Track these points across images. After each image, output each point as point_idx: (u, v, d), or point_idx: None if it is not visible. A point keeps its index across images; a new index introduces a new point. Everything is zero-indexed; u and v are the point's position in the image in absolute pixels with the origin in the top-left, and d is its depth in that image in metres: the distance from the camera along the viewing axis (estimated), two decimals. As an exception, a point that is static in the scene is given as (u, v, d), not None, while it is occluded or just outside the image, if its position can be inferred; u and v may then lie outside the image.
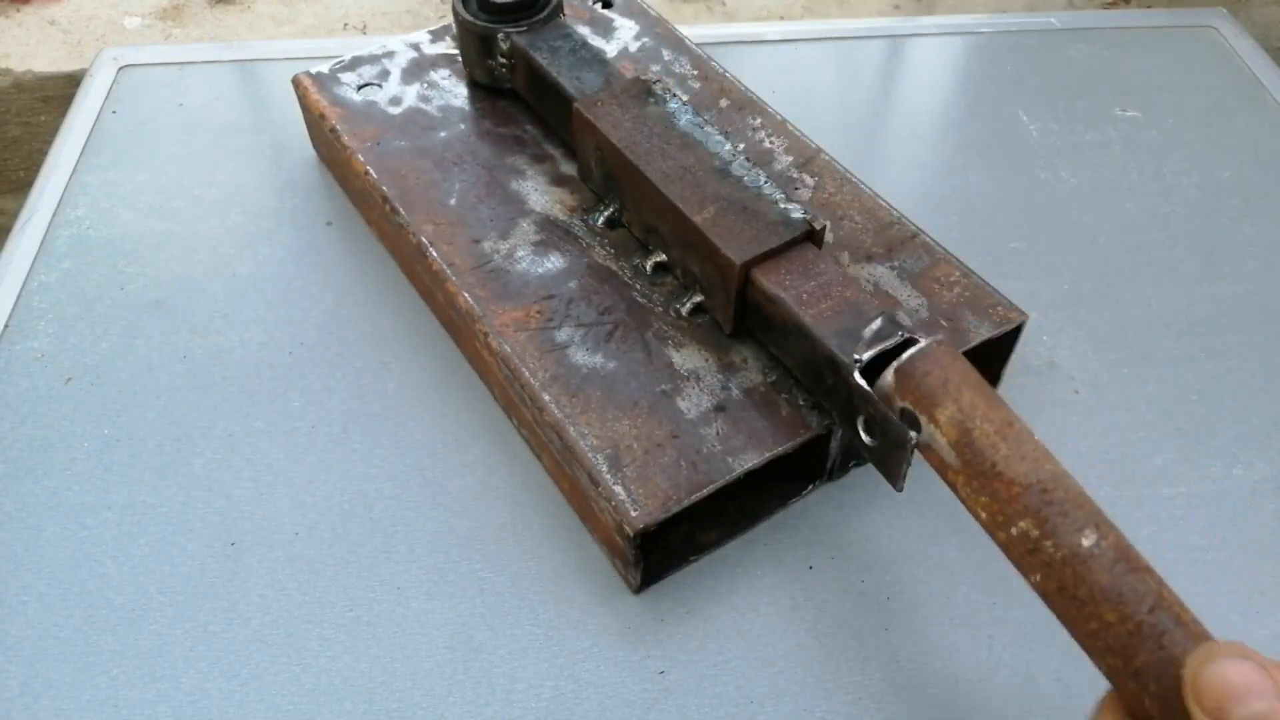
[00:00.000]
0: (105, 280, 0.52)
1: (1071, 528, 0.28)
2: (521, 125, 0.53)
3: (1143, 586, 0.27)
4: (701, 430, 0.40)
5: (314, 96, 0.54)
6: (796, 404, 0.41)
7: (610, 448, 0.39)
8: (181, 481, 0.44)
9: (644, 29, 0.58)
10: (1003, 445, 0.30)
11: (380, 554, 0.41)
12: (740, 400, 0.41)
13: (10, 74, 1.75)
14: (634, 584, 0.40)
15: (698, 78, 0.55)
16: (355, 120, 0.52)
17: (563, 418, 0.40)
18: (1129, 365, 0.49)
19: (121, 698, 0.37)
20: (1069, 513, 0.29)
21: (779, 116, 0.53)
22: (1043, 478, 0.30)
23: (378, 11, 1.95)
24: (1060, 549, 0.28)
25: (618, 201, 0.47)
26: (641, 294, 0.45)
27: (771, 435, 0.39)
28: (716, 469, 0.38)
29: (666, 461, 0.39)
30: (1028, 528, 0.29)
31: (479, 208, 0.48)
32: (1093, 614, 0.27)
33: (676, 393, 0.41)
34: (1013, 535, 0.29)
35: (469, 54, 0.53)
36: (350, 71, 0.55)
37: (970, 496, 0.31)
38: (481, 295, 0.44)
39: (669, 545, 0.41)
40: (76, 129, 0.60)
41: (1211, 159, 0.60)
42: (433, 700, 0.38)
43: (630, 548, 0.37)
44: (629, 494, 0.38)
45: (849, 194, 0.49)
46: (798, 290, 0.39)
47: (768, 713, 0.37)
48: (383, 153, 0.50)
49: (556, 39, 0.51)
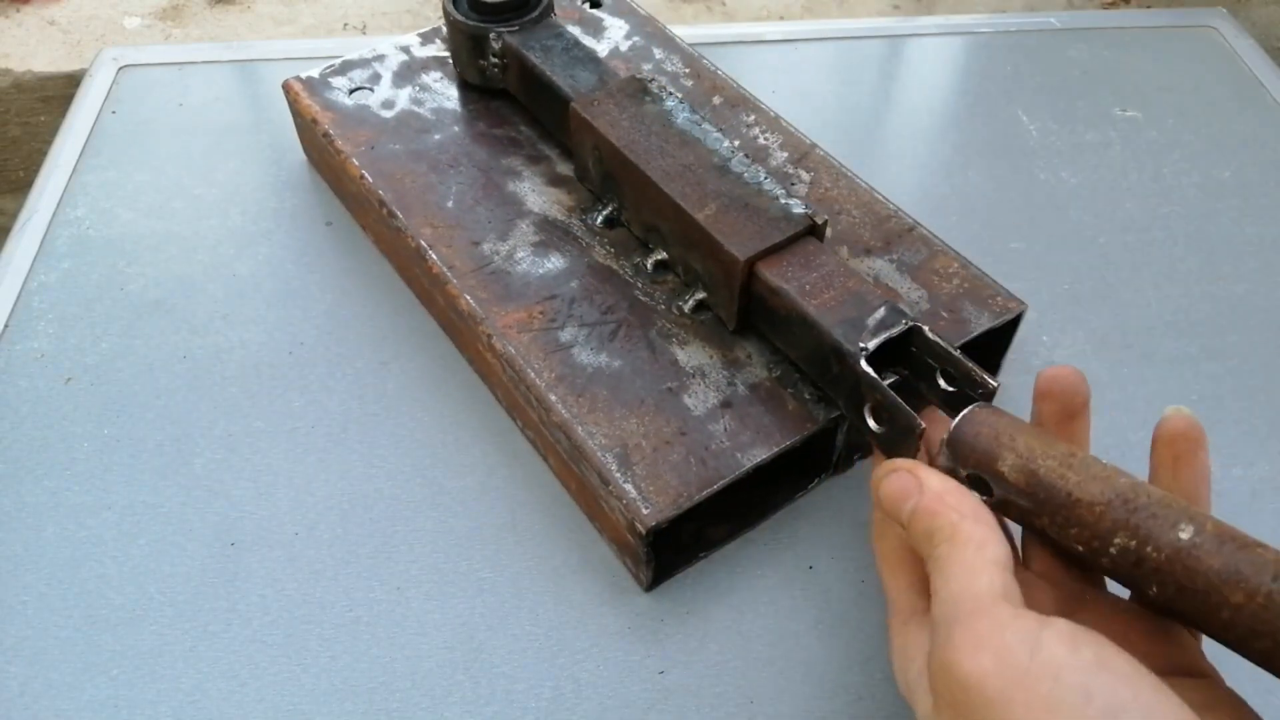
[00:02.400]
0: (105, 280, 0.52)
1: (1166, 526, 0.28)
2: (516, 126, 0.53)
3: (1258, 559, 0.27)
4: (709, 426, 0.40)
5: (305, 101, 0.53)
6: (802, 398, 0.41)
7: (619, 446, 0.39)
8: (181, 481, 0.44)
9: (634, 28, 0.58)
10: (1071, 474, 0.30)
11: (380, 554, 0.42)
12: (746, 396, 0.41)
13: (10, 74, 1.75)
14: (645, 581, 0.40)
15: (690, 75, 0.55)
16: (348, 124, 0.52)
17: (570, 418, 0.40)
18: (1129, 365, 0.49)
19: (121, 698, 0.37)
20: (1158, 514, 0.28)
21: (772, 113, 0.53)
22: (1121, 490, 0.29)
23: (377, 11, 1.95)
24: (1163, 550, 0.28)
25: (616, 200, 0.47)
26: (643, 292, 0.45)
27: (779, 430, 0.40)
28: (725, 465, 0.38)
29: (675, 459, 0.39)
30: (1124, 542, 0.28)
31: (477, 210, 0.48)
32: (1220, 602, 0.27)
33: (683, 390, 0.41)
34: (1114, 555, 0.29)
35: (460, 55, 0.53)
36: (341, 75, 0.55)
37: (1061, 534, 0.30)
38: (483, 297, 0.44)
39: (679, 542, 0.41)
40: (76, 129, 0.60)
41: (1211, 159, 0.60)
42: (433, 700, 0.38)
43: (642, 545, 0.37)
44: (640, 492, 0.38)
45: (845, 189, 0.49)
46: (800, 282, 0.39)
47: (768, 713, 0.37)
48: (377, 156, 0.50)
49: (548, 38, 0.51)
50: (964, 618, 0.27)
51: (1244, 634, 0.27)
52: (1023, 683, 0.25)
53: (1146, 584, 0.28)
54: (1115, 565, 0.29)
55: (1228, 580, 0.27)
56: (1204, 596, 0.27)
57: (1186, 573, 0.27)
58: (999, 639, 0.26)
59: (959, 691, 0.26)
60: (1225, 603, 0.27)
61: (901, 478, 0.31)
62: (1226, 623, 0.27)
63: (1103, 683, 0.24)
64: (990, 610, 0.27)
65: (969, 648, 0.26)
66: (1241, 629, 0.26)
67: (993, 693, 0.25)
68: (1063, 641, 0.25)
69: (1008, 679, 0.25)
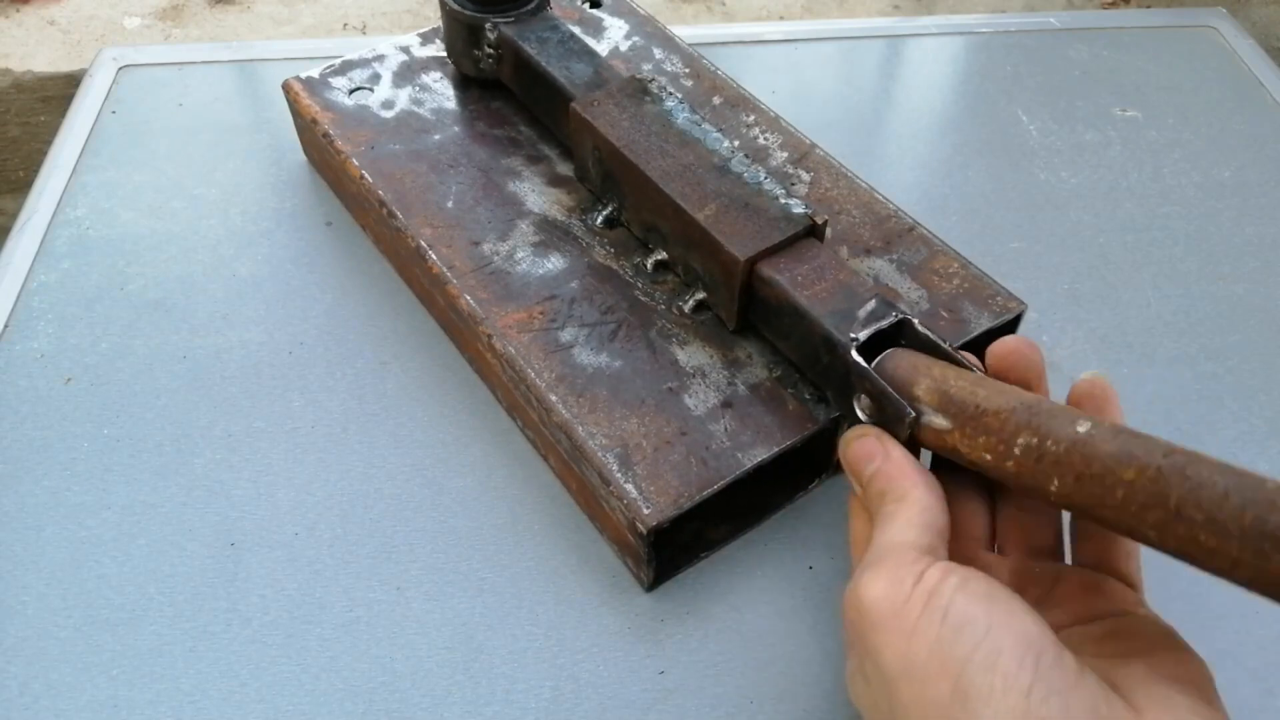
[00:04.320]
0: (105, 280, 0.52)
1: (1065, 424, 0.30)
2: (516, 126, 0.53)
3: (1150, 442, 0.28)
4: (710, 426, 0.40)
5: (305, 101, 0.53)
6: (802, 398, 0.41)
7: (620, 446, 0.39)
8: (181, 481, 0.44)
9: (634, 28, 0.58)
10: (980, 390, 0.32)
11: (380, 554, 0.42)
12: (747, 396, 0.41)
13: (10, 74, 1.76)
14: (646, 581, 0.40)
15: (689, 75, 0.55)
16: (348, 124, 0.52)
17: (571, 418, 0.40)
18: (1129, 365, 0.49)
19: (121, 698, 0.37)
20: (1058, 415, 0.30)
21: (772, 113, 0.53)
22: (1025, 400, 0.31)
23: (378, 11, 1.95)
24: (1061, 442, 0.29)
25: (616, 201, 0.47)
26: (643, 292, 0.45)
27: (779, 429, 0.40)
28: (726, 465, 0.38)
29: (676, 459, 0.39)
30: (1027, 440, 0.30)
31: (477, 210, 0.48)
32: (1114, 482, 0.28)
33: (683, 390, 0.41)
34: (1018, 456, 0.30)
35: (455, 45, 0.53)
36: (341, 76, 0.55)
37: (972, 448, 0.32)
38: (483, 297, 0.44)
39: (680, 542, 0.41)
40: (76, 129, 0.60)
41: (1211, 159, 0.60)
42: (433, 700, 0.38)
43: (643, 545, 0.37)
44: (640, 492, 0.38)
45: (845, 189, 0.49)
46: (793, 274, 0.40)
47: (768, 713, 0.37)
48: (377, 156, 0.50)
49: (544, 30, 0.51)
50: (882, 558, 0.30)
51: (1138, 510, 0.27)
52: (902, 610, 0.28)
53: (1048, 480, 0.29)
54: (1020, 467, 0.30)
55: (1121, 460, 0.28)
56: (1100, 480, 0.28)
57: (1084, 460, 0.29)
58: (896, 572, 0.29)
59: (857, 617, 0.29)
60: (1119, 481, 0.28)
61: (868, 443, 0.34)
62: (1121, 502, 0.28)
63: (959, 603, 0.27)
64: (903, 553, 0.30)
65: (870, 579, 0.29)
66: (1135, 505, 0.27)
67: (878, 617, 0.28)
68: (939, 571, 0.28)
69: (894, 604, 0.28)
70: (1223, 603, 0.40)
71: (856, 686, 0.31)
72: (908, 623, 0.28)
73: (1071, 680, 0.26)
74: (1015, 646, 0.26)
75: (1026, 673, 0.26)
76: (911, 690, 0.27)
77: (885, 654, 0.28)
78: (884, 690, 0.28)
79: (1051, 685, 0.26)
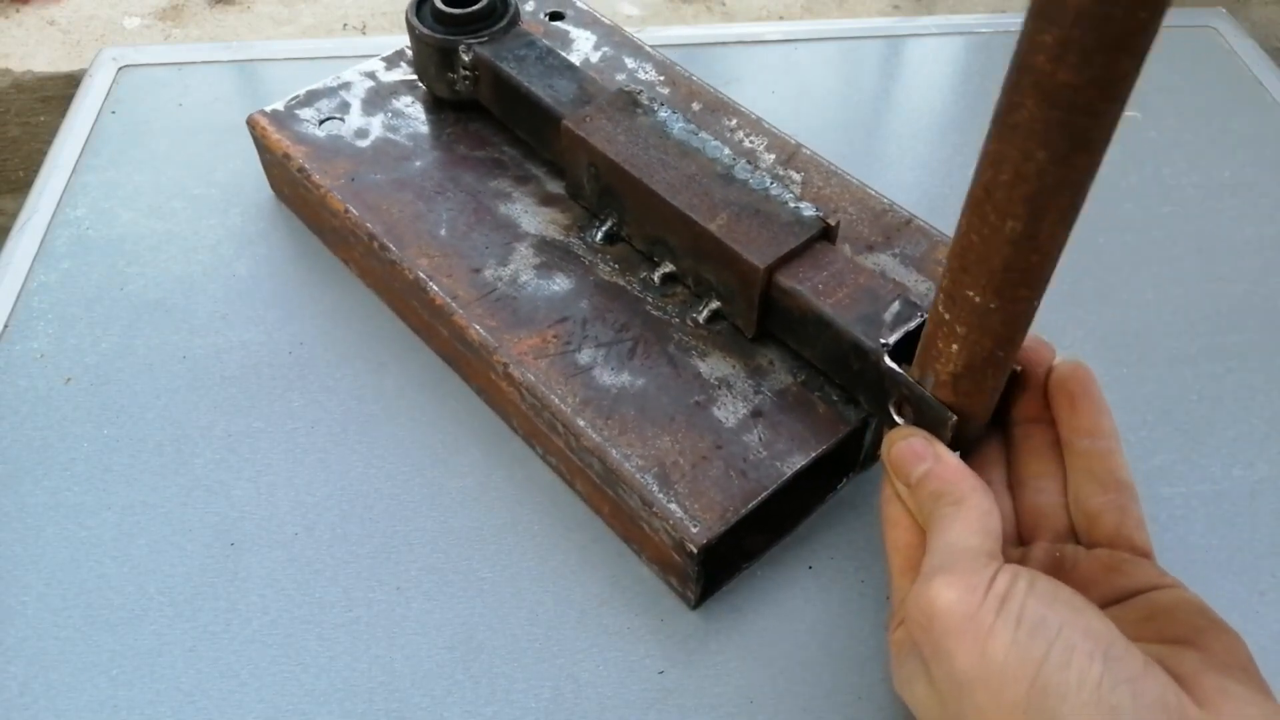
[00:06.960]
0: (105, 280, 0.52)
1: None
2: (498, 147, 0.51)
3: None
4: (743, 437, 0.39)
5: (274, 136, 0.51)
6: (831, 400, 0.40)
7: (657, 466, 0.38)
8: (181, 481, 0.44)
9: (601, 38, 0.57)
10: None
11: (380, 554, 0.41)
12: (775, 403, 0.40)
13: (10, 74, 1.75)
14: (693, 599, 0.39)
15: (665, 83, 0.54)
16: (323, 156, 0.50)
17: (602, 441, 0.39)
18: (1129, 365, 0.49)
19: (121, 698, 0.37)
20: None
21: (753, 115, 0.52)
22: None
23: (377, 11, 1.95)
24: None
25: (615, 216, 0.46)
26: (655, 306, 0.44)
27: (814, 434, 0.39)
28: (766, 474, 0.38)
29: (715, 473, 0.38)
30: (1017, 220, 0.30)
31: (471, 236, 0.47)
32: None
33: (710, 402, 0.41)
34: (1006, 234, 0.31)
35: (427, 70, 0.51)
36: (307, 107, 0.52)
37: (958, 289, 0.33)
38: (493, 325, 0.43)
39: (724, 557, 0.40)
40: (76, 129, 0.60)
41: (1211, 159, 0.60)
42: (433, 700, 0.38)
43: (692, 564, 0.37)
44: (685, 511, 0.37)
45: (837, 186, 0.49)
46: (813, 282, 0.39)
47: (768, 713, 0.37)
48: (360, 188, 0.48)
49: (520, 48, 0.49)
50: (949, 564, 0.30)
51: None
52: (977, 615, 0.28)
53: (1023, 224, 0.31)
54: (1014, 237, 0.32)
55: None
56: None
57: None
58: (968, 579, 0.29)
59: (928, 623, 0.30)
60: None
61: (916, 444, 0.34)
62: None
63: (1030, 606, 0.28)
64: (972, 560, 0.30)
65: (942, 585, 0.29)
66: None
67: (952, 623, 0.29)
68: (1008, 575, 0.29)
69: (968, 610, 0.29)
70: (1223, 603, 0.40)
71: (916, 689, 0.31)
72: (982, 628, 0.28)
73: (1139, 669, 0.27)
74: (1085, 642, 0.27)
75: (1097, 665, 0.27)
76: (988, 693, 0.28)
77: (959, 659, 0.29)
78: (954, 693, 0.29)
79: (1119, 675, 0.27)
